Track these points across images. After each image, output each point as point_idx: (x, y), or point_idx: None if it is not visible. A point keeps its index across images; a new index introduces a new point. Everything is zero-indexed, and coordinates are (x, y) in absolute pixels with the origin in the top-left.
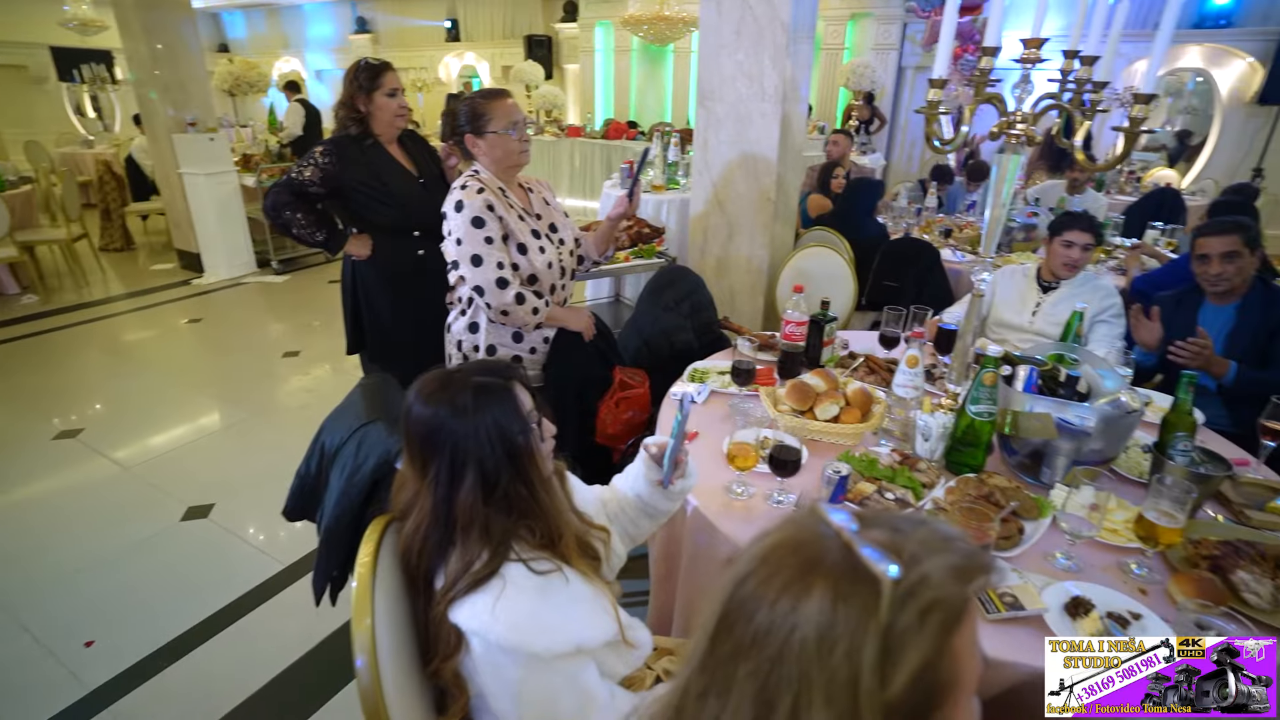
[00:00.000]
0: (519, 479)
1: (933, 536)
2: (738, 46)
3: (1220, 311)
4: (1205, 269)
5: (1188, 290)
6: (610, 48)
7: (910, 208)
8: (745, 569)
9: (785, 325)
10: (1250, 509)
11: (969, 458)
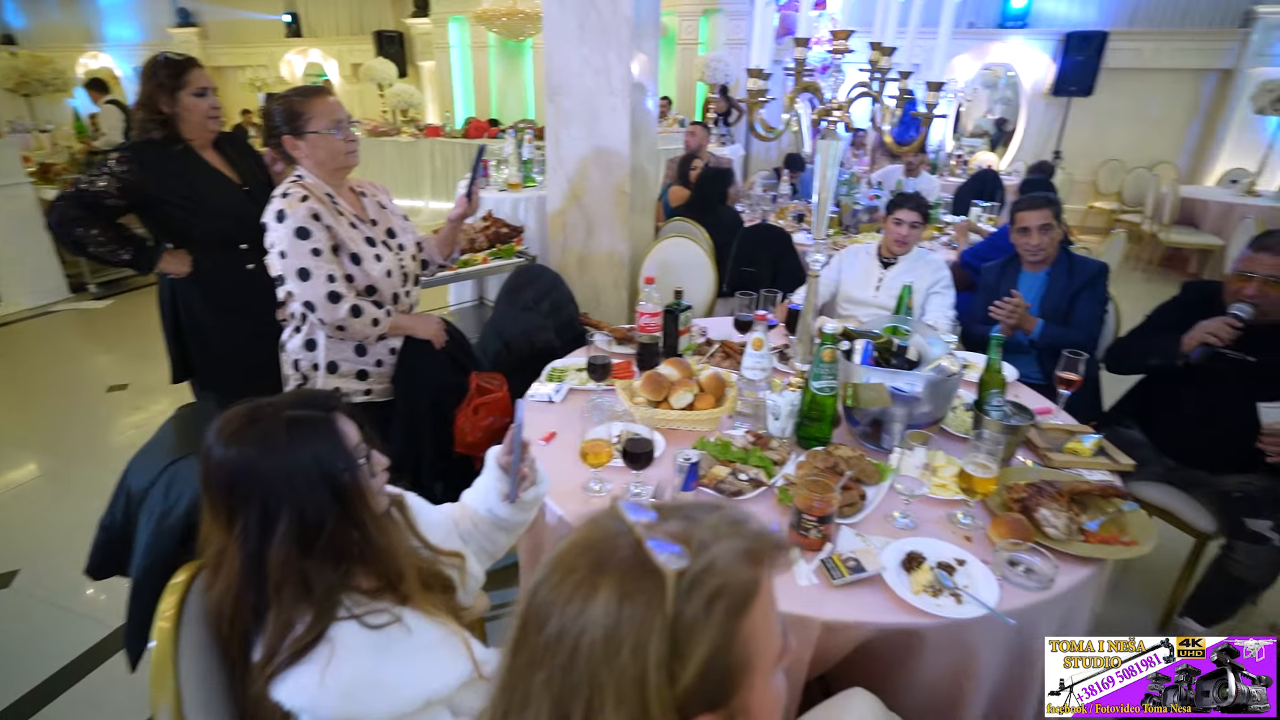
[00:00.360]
0: (348, 521)
1: (723, 522)
2: (583, 41)
3: (1035, 278)
4: (1025, 240)
5: (1009, 260)
6: (466, 44)
7: (766, 195)
8: (540, 575)
9: (639, 317)
10: (1052, 451)
11: (817, 431)
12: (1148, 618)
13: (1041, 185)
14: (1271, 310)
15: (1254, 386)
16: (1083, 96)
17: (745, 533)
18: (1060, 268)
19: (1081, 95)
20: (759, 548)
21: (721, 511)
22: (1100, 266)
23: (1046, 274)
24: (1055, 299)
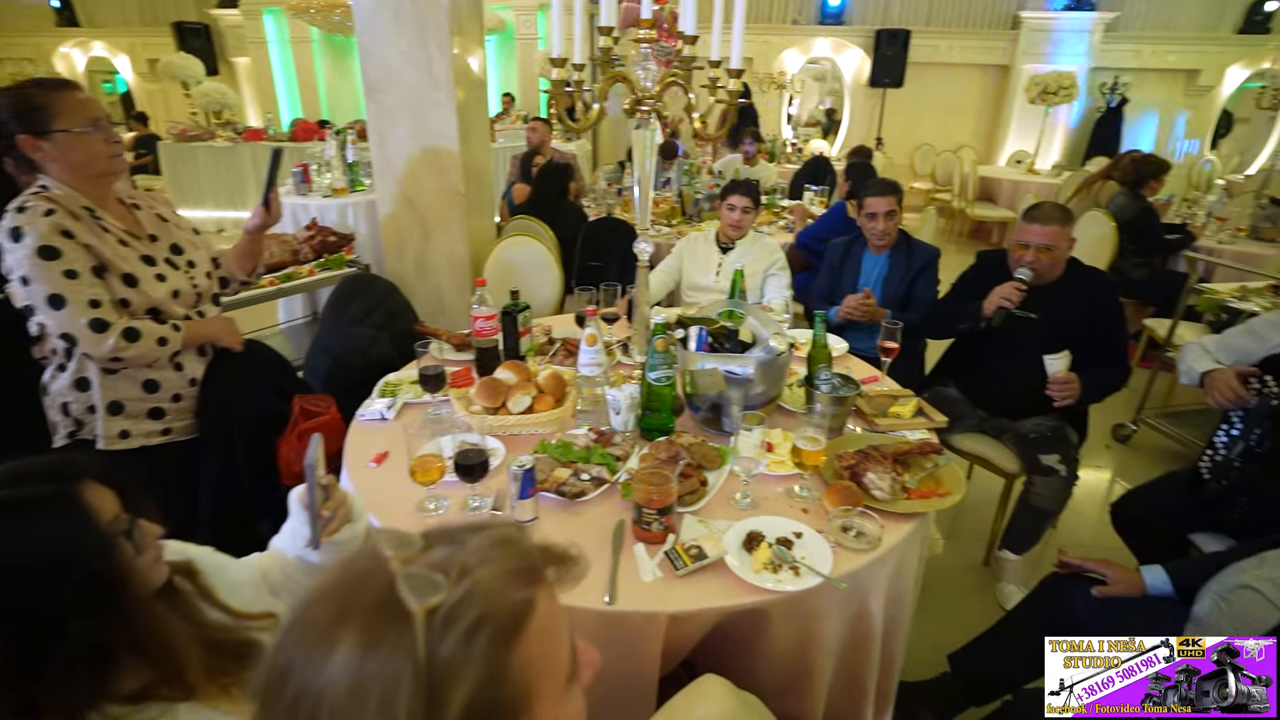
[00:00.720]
0: (102, 617)
1: (489, 542)
2: (399, 33)
3: (878, 260)
4: (873, 224)
5: (853, 239)
6: (286, 38)
7: (610, 189)
8: (281, 630)
9: (474, 321)
10: (879, 417)
11: (658, 422)
12: (977, 553)
13: (863, 168)
14: (1046, 272)
15: (1040, 341)
16: (895, 88)
17: (515, 550)
18: (900, 251)
19: (894, 87)
20: (532, 565)
21: (490, 531)
22: (935, 252)
23: (888, 256)
24: (896, 281)
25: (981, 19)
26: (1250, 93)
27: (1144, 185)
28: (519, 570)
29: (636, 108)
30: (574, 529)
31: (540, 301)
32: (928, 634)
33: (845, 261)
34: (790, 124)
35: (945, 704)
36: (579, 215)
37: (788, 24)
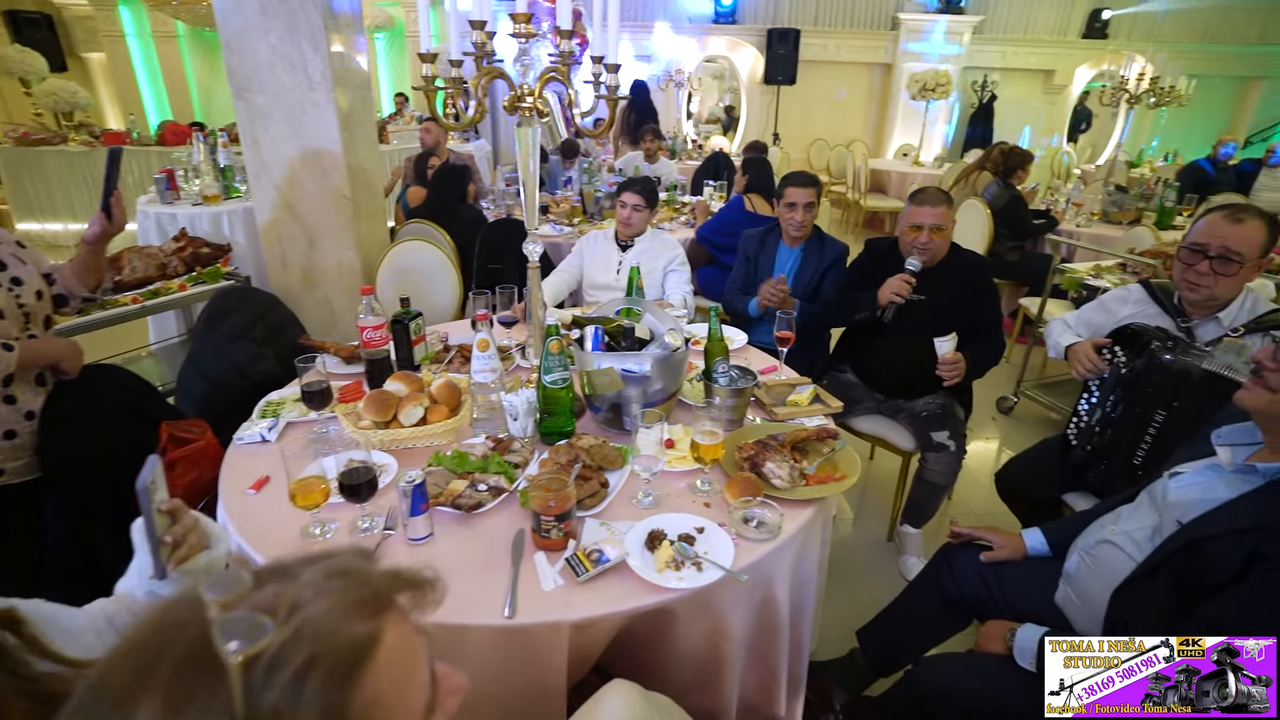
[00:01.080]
0: None
1: (325, 574)
2: (268, 29)
3: (792, 252)
4: (792, 215)
5: (768, 230)
6: (147, 32)
7: (510, 189)
8: (78, 691)
9: (361, 332)
10: (777, 406)
11: (557, 425)
12: (881, 530)
13: (758, 163)
14: (936, 253)
15: (929, 322)
16: (789, 85)
17: (356, 580)
18: (813, 245)
19: (788, 84)
20: (377, 593)
21: (328, 561)
22: (844, 248)
23: (802, 249)
24: (809, 274)
25: (864, 19)
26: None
27: (1013, 175)
28: (361, 601)
29: (516, 105)
30: (472, 542)
31: (439, 307)
32: (838, 613)
33: (760, 252)
34: (691, 121)
35: (856, 679)
36: (477, 217)
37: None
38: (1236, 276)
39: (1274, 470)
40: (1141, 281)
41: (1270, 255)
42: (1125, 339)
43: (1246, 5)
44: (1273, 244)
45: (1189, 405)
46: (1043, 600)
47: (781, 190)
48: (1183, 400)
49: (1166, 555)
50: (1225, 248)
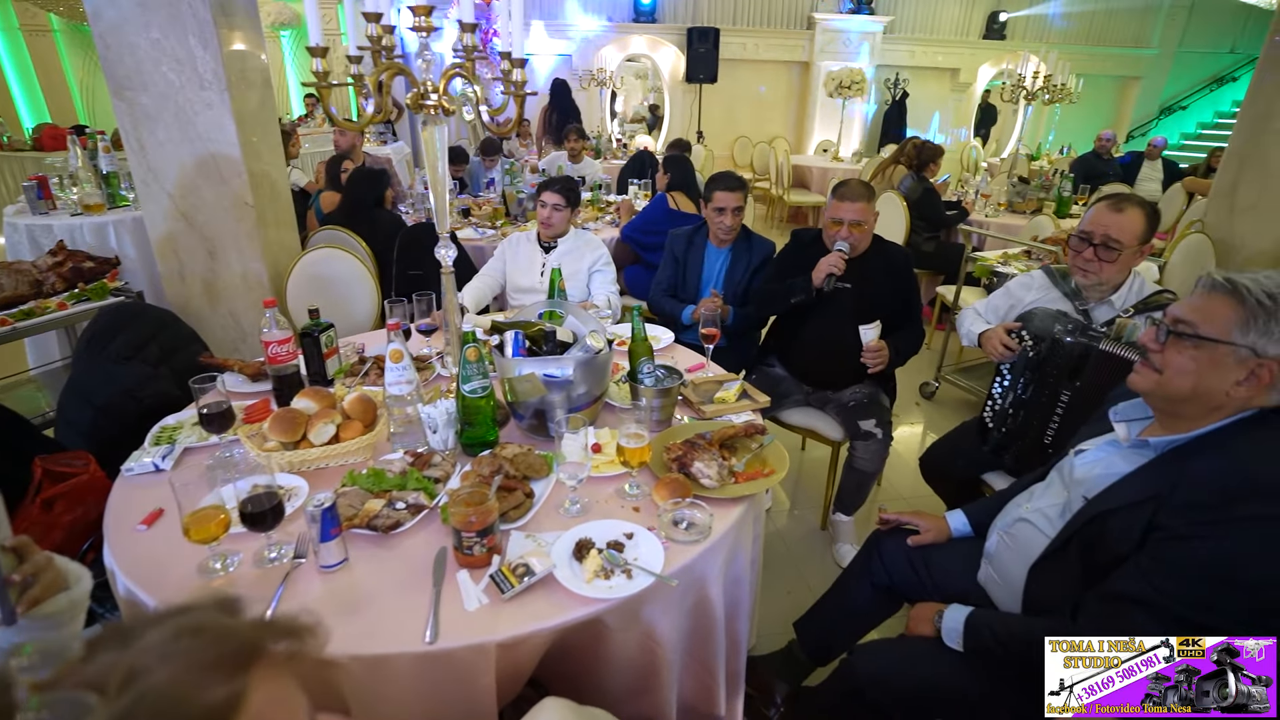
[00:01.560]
0: None
1: (175, 634)
2: (148, 22)
3: (720, 253)
4: (722, 219)
5: (695, 230)
6: (14, 25)
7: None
8: None
9: (265, 347)
10: (705, 404)
11: (479, 435)
12: (815, 520)
13: (680, 161)
14: (858, 245)
15: (854, 311)
16: (710, 83)
17: (214, 637)
18: (742, 245)
19: (709, 82)
20: (241, 648)
21: (179, 619)
22: (772, 245)
23: (730, 250)
24: (738, 275)
25: (781, 19)
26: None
27: (926, 168)
28: (220, 659)
29: (420, 103)
30: (391, 565)
31: (357, 317)
32: (776, 605)
33: (689, 253)
34: (616, 120)
35: (795, 671)
36: (395, 222)
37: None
38: (1118, 262)
39: (1164, 444)
40: (1043, 268)
41: (1151, 242)
42: (1031, 322)
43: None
44: (1152, 231)
45: (1090, 384)
46: (968, 580)
47: (709, 194)
48: (1084, 380)
49: (1075, 530)
50: (1107, 235)
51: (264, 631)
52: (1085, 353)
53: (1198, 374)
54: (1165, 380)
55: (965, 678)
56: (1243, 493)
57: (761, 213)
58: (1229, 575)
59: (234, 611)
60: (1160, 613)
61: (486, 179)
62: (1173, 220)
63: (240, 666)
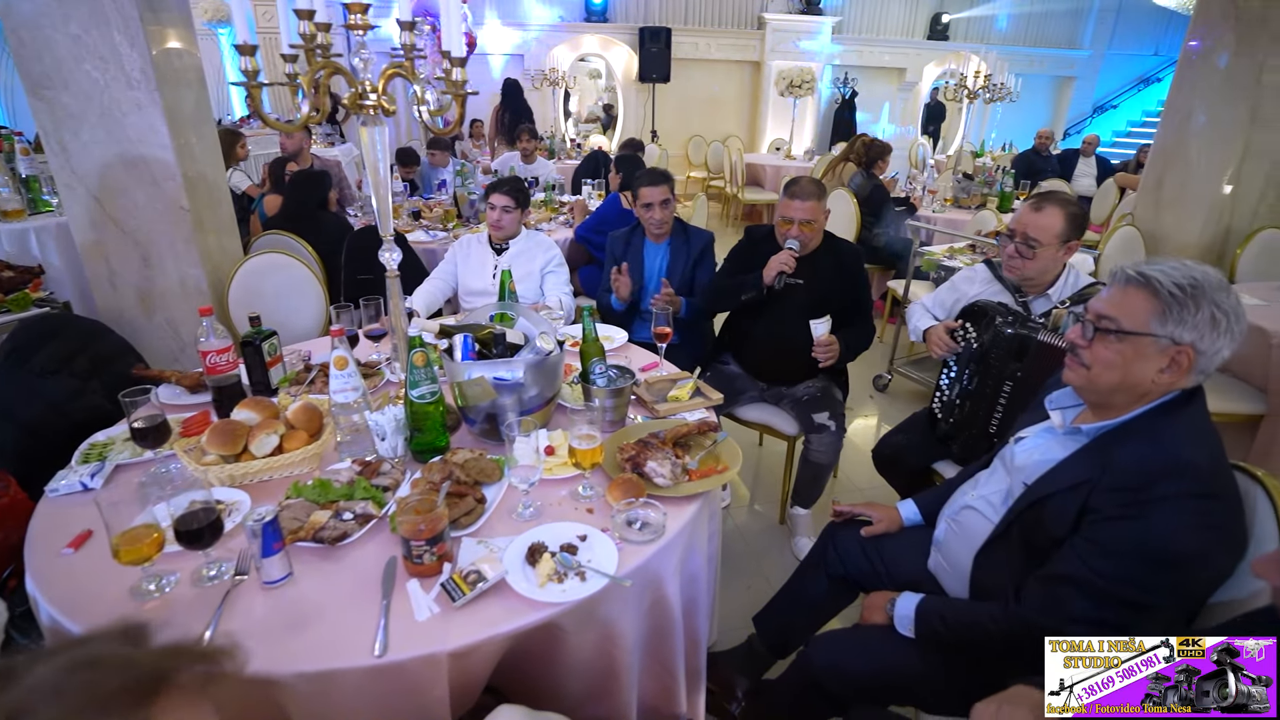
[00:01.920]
0: None
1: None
2: (67, 16)
3: (658, 248)
4: (650, 214)
5: (632, 230)
6: None
7: None
8: None
9: (203, 357)
10: (658, 403)
11: (429, 442)
12: (773, 515)
13: (632, 160)
14: (810, 242)
15: (806, 307)
16: (663, 83)
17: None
18: (679, 238)
19: (662, 82)
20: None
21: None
22: (710, 236)
23: (668, 244)
24: (679, 267)
25: (732, 19)
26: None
27: (875, 165)
28: (118, 692)
29: (358, 104)
30: (338, 577)
31: (303, 323)
32: (737, 601)
33: (628, 252)
34: (571, 120)
35: (756, 665)
36: (342, 226)
37: (555, 20)
38: (1038, 259)
39: (1095, 430)
40: (985, 261)
41: (1073, 240)
42: (973, 315)
43: (1057, 13)
44: (1074, 229)
45: (1031, 374)
46: (919, 568)
47: (636, 191)
48: (1025, 370)
49: (1016, 515)
50: (1026, 233)
51: (171, 659)
52: (1024, 343)
53: (1124, 366)
54: (1094, 375)
55: (917, 663)
56: (1164, 473)
57: (716, 210)
58: (1156, 552)
59: (139, 640)
60: (1095, 592)
61: (438, 181)
62: (1107, 214)
63: (142, 698)
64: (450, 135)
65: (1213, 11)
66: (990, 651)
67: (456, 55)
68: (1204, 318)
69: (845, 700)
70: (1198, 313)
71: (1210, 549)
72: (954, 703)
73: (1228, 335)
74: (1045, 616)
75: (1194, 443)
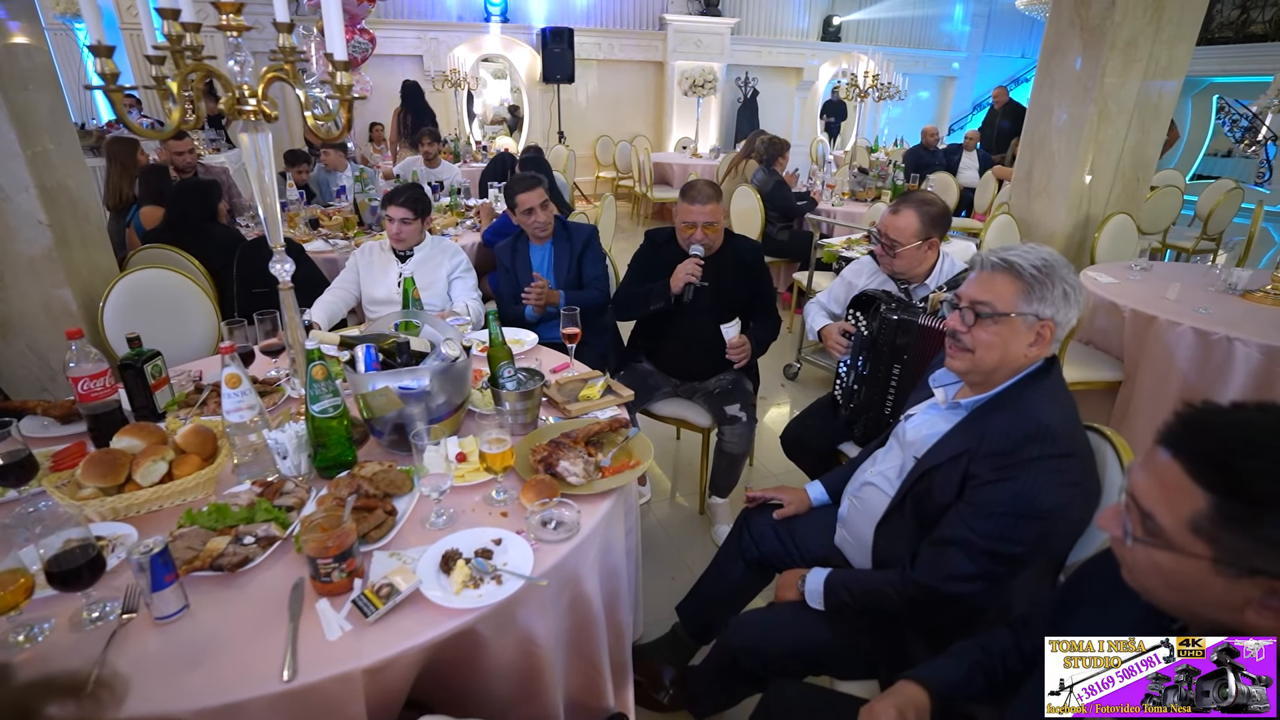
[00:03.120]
0: None
1: None
2: None
3: (543, 250)
4: (530, 219)
5: (516, 237)
6: None
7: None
8: None
9: (75, 384)
10: (570, 403)
11: (334, 457)
12: (693, 506)
13: (535, 162)
14: (713, 244)
15: (714, 305)
16: (568, 83)
17: None
18: (560, 236)
19: (567, 82)
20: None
21: None
22: (591, 229)
23: (550, 245)
24: (565, 264)
25: (634, 20)
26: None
27: (776, 161)
28: None
29: (237, 108)
30: (241, 605)
31: (193, 342)
32: (661, 592)
33: (515, 260)
34: (476, 122)
35: (680, 652)
36: (233, 238)
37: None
38: (901, 256)
39: (972, 403)
40: (869, 253)
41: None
42: (863, 305)
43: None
44: (931, 226)
45: (916, 356)
46: (827, 545)
47: (512, 201)
48: (911, 352)
49: (909, 487)
50: (884, 234)
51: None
52: (909, 327)
53: (1003, 345)
54: (979, 357)
55: (827, 633)
56: (1029, 439)
57: (626, 210)
58: (1026, 508)
59: None
60: (973, 549)
61: (336, 187)
62: (987, 204)
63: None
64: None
65: (1063, 20)
66: (894, 616)
67: (340, 58)
68: (1058, 293)
69: (762, 674)
70: (1054, 289)
71: (1070, 502)
72: (863, 668)
73: (1075, 306)
74: (933, 577)
75: (1051, 407)
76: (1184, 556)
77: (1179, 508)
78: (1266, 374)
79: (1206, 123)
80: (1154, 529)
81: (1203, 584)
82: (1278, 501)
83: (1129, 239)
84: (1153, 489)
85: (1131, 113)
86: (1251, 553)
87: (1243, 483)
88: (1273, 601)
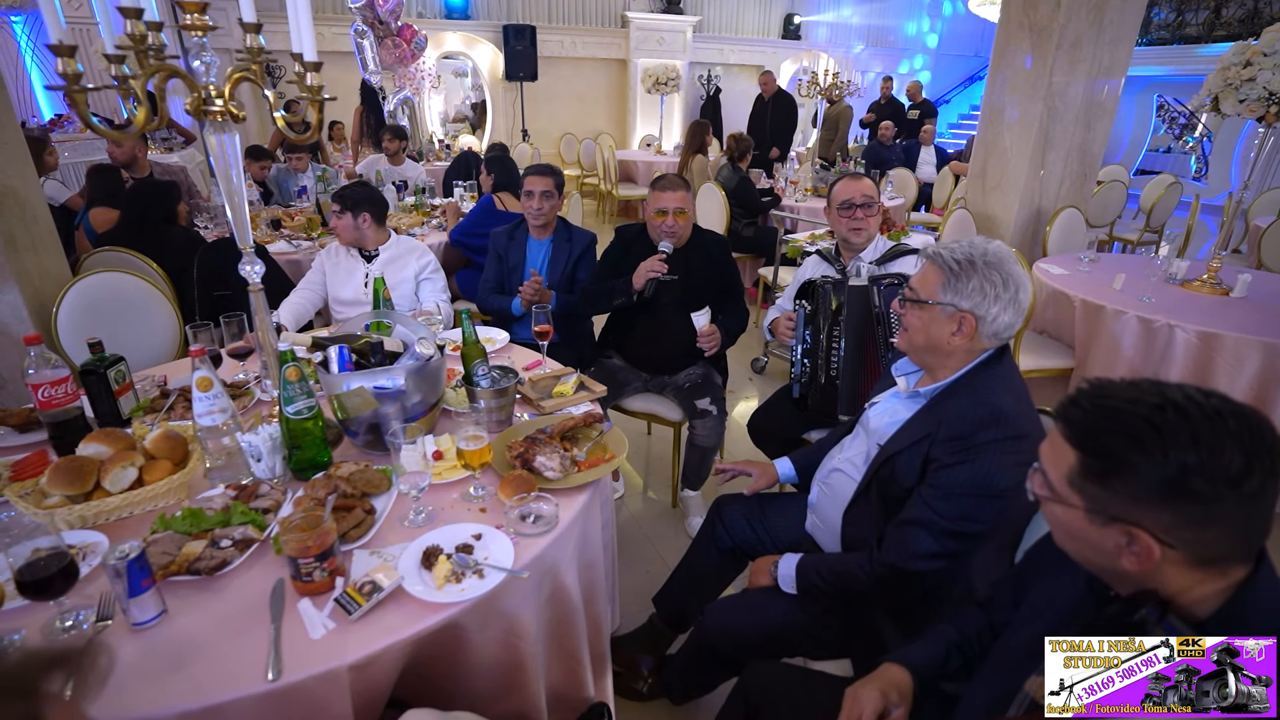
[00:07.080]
0: None
1: None
2: None
3: (541, 245)
4: (530, 203)
5: (515, 226)
6: None
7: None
8: None
9: (35, 391)
10: (544, 400)
11: (310, 458)
12: (666, 499)
13: (501, 160)
14: (682, 234)
15: (683, 299)
16: (531, 81)
17: None
18: (561, 236)
19: (530, 80)
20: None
21: None
22: (591, 236)
23: (550, 241)
24: (560, 265)
25: (596, 17)
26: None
27: (741, 159)
28: None
29: (203, 108)
30: (220, 608)
31: (154, 346)
32: (637, 585)
33: (510, 248)
34: (439, 120)
35: (658, 642)
36: (192, 240)
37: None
38: (877, 215)
39: (930, 391)
40: (815, 252)
41: None
42: (806, 294)
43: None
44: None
45: (852, 318)
46: (799, 531)
47: (524, 179)
48: (845, 315)
49: (874, 473)
50: (865, 195)
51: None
52: (840, 287)
53: (925, 330)
54: (909, 338)
55: (800, 615)
56: (984, 422)
57: (591, 208)
58: (984, 488)
59: None
60: (936, 529)
61: (298, 187)
62: (945, 198)
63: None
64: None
65: (1012, 21)
66: (863, 597)
67: (309, 59)
68: (974, 287)
69: (738, 658)
70: (969, 283)
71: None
72: (834, 648)
73: (999, 303)
74: (899, 557)
75: (1004, 393)
76: (1068, 508)
77: (1060, 465)
78: (1204, 358)
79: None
80: (1047, 483)
81: (1084, 531)
82: (1124, 458)
83: (1078, 231)
84: (1046, 450)
85: (1079, 110)
86: (1109, 501)
87: (1099, 443)
88: (1135, 547)
